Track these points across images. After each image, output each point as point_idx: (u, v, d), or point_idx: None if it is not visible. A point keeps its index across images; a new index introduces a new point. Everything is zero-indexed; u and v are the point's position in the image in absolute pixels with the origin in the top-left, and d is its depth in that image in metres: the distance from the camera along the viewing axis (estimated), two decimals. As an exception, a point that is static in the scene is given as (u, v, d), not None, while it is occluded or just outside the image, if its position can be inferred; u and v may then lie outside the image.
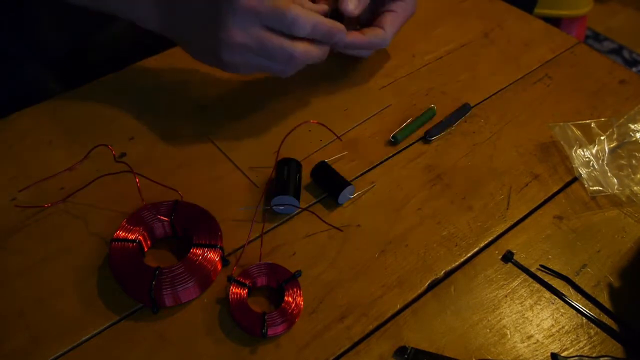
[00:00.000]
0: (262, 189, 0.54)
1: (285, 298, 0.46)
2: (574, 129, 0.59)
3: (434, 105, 0.62)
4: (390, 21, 0.61)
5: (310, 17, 0.51)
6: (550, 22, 0.75)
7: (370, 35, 0.60)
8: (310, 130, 0.59)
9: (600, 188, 0.55)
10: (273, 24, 0.51)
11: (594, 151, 0.58)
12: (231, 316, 0.45)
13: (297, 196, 0.52)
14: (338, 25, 0.54)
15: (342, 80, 0.65)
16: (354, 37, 0.58)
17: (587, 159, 0.57)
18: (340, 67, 0.67)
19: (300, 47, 0.52)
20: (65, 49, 0.70)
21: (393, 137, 0.59)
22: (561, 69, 0.68)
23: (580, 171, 0.57)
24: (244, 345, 0.44)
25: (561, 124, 0.60)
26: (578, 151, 0.58)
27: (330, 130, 0.58)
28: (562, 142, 0.59)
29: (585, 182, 0.56)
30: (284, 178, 0.52)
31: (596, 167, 0.57)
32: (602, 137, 0.58)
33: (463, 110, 0.62)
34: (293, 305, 0.45)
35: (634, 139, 0.59)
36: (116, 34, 0.72)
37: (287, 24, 0.50)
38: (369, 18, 0.62)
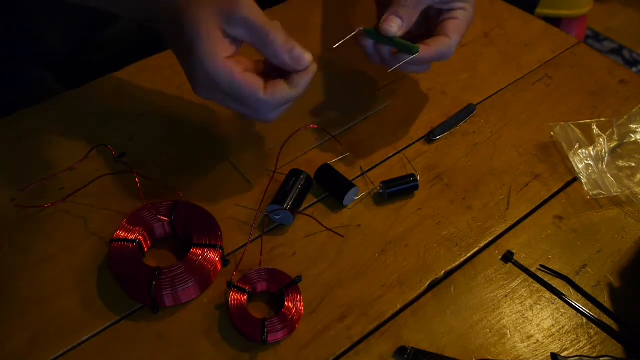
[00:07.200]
0: (261, 190, 0.54)
1: (286, 304, 0.46)
2: (574, 128, 0.59)
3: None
4: (454, 28, 0.56)
5: (290, 43, 0.47)
6: (550, 22, 0.75)
7: (436, 45, 0.55)
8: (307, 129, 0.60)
9: (600, 191, 0.55)
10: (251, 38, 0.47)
11: (593, 153, 0.58)
12: (231, 323, 0.45)
13: (293, 211, 0.51)
14: (307, 56, 0.49)
15: (342, 81, 0.65)
16: (421, 50, 0.54)
17: (586, 162, 0.57)
18: (341, 68, 0.67)
19: (269, 91, 0.47)
20: (65, 49, 0.70)
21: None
22: (561, 69, 0.68)
23: (580, 174, 0.56)
24: (244, 344, 0.44)
25: (561, 123, 0.60)
26: (578, 152, 0.58)
27: (333, 136, 0.58)
28: (562, 143, 0.58)
29: (585, 186, 0.56)
30: (286, 190, 0.52)
31: (595, 170, 0.57)
32: (602, 138, 0.58)
33: (468, 110, 0.62)
34: (293, 311, 0.45)
35: (633, 139, 0.59)
36: (116, 34, 0.72)
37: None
38: (424, 33, 0.58)
